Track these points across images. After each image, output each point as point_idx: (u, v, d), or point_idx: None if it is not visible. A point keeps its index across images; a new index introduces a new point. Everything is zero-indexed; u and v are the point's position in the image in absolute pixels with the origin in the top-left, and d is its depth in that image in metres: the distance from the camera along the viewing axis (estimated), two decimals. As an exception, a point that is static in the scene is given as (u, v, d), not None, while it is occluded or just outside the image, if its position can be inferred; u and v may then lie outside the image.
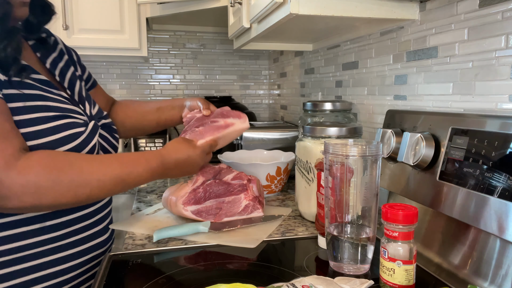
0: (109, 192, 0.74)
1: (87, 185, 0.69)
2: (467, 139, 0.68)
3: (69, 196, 0.68)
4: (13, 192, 0.63)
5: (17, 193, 0.63)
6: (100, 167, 0.71)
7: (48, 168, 0.65)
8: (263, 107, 2.38)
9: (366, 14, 0.88)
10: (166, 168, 0.82)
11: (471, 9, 0.76)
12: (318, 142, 0.93)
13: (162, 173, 0.82)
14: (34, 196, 0.64)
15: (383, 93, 1.08)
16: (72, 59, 0.94)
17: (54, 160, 0.67)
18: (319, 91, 1.54)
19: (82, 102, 0.85)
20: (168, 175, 0.84)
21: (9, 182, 0.62)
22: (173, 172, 0.85)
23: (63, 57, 0.89)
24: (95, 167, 0.71)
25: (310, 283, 0.58)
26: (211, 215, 0.95)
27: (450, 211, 0.69)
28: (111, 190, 0.74)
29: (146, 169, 0.78)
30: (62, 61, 0.88)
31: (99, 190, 0.71)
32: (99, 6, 1.73)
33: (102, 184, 0.71)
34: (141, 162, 0.78)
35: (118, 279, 0.69)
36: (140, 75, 2.20)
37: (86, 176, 0.69)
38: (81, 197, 0.70)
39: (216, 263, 0.75)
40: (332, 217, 0.70)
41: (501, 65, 0.70)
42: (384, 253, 0.62)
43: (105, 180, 0.71)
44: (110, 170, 0.72)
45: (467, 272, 0.66)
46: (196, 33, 2.23)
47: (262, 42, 1.45)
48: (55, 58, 0.85)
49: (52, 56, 0.85)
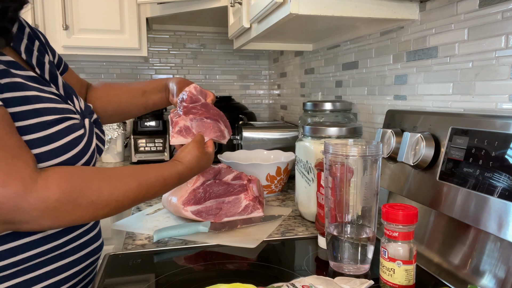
0: (125, 209, 0.74)
1: (106, 206, 0.68)
2: (467, 139, 0.68)
3: (87, 216, 0.67)
4: (32, 218, 0.61)
5: (36, 218, 0.61)
6: (119, 188, 0.70)
7: (67, 191, 0.63)
8: (263, 107, 2.38)
9: (366, 14, 0.88)
10: (182, 181, 0.83)
11: (471, 9, 0.76)
12: (318, 142, 0.93)
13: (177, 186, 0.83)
14: (53, 220, 0.63)
15: (383, 93, 1.08)
16: (42, 43, 0.82)
17: (72, 181, 0.64)
18: (319, 91, 1.54)
19: (70, 97, 0.78)
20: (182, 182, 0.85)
21: (28, 207, 0.59)
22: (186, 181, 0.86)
23: (35, 42, 0.78)
24: (113, 188, 0.69)
25: (310, 283, 0.58)
26: (211, 215, 0.95)
27: (450, 211, 0.69)
28: (128, 207, 0.74)
29: (163, 187, 0.78)
30: (35, 48, 0.77)
31: (117, 210, 0.71)
32: (99, 6, 1.73)
33: (121, 205, 0.70)
34: (159, 181, 0.77)
35: (118, 279, 0.69)
36: (140, 75, 2.20)
37: (106, 197, 0.68)
38: (99, 217, 0.69)
39: (216, 263, 0.75)
40: (332, 217, 0.70)
41: (501, 65, 0.70)
42: (384, 253, 0.62)
43: (123, 201, 0.71)
44: (129, 190, 0.71)
45: (467, 272, 0.66)
46: (196, 33, 2.23)
47: (262, 42, 1.45)
48: (28, 45, 0.75)
49: (23, 43, 0.74)
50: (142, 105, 1.05)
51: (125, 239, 0.87)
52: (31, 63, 0.73)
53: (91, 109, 0.85)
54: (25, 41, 0.75)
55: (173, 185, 0.80)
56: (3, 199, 0.57)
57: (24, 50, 0.73)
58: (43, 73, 0.75)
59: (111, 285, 0.67)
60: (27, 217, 0.60)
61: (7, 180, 0.57)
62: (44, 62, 0.77)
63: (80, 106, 0.80)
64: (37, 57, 0.75)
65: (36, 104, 0.66)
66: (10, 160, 0.58)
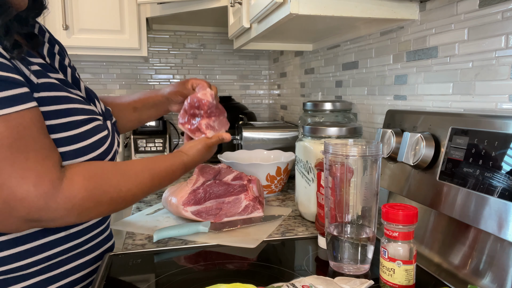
0: (138, 201, 0.78)
1: (123, 200, 0.72)
2: (467, 139, 0.68)
3: (107, 211, 0.71)
4: (59, 216, 0.63)
5: (62, 216, 0.63)
6: (135, 183, 0.74)
7: (90, 189, 0.66)
8: (263, 107, 2.38)
9: (366, 14, 0.88)
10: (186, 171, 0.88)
11: (471, 9, 0.76)
12: (318, 142, 0.93)
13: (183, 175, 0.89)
14: (77, 217, 0.66)
15: (383, 93, 1.08)
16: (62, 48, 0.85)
17: (95, 179, 0.67)
18: (319, 91, 1.54)
19: (92, 100, 0.81)
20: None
21: (56, 207, 0.62)
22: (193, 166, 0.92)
23: (55, 47, 0.80)
24: (130, 183, 0.73)
25: (310, 283, 0.58)
26: (211, 215, 0.95)
27: (450, 211, 0.69)
28: (140, 199, 0.78)
29: (172, 178, 0.83)
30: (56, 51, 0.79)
31: (132, 203, 0.75)
32: (99, 6, 1.73)
33: (136, 198, 0.75)
34: (169, 174, 0.82)
35: (118, 279, 0.69)
36: (140, 75, 2.20)
37: (124, 193, 0.71)
38: (116, 210, 0.73)
39: (216, 263, 0.75)
40: (332, 217, 0.70)
41: (501, 65, 0.70)
42: (384, 253, 0.62)
43: (138, 194, 0.75)
44: (144, 185, 0.76)
45: (467, 272, 0.66)
46: (196, 33, 2.23)
47: (262, 42, 1.45)
48: (49, 49, 0.77)
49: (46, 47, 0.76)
50: (136, 120, 1.07)
51: (125, 239, 0.87)
52: (54, 66, 0.76)
53: (110, 112, 0.88)
54: (46, 45, 0.77)
55: (180, 174, 0.85)
56: (34, 199, 0.59)
57: (47, 54, 0.76)
58: (66, 76, 0.78)
59: (111, 285, 0.67)
60: (54, 215, 0.62)
61: (39, 181, 0.60)
62: (66, 66, 0.80)
63: (101, 109, 0.83)
64: (59, 60, 0.78)
65: (67, 104, 0.69)
66: (41, 161, 0.61)
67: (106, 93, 2.15)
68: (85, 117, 0.71)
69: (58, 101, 0.67)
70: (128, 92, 2.19)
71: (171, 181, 0.83)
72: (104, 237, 0.82)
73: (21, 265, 0.66)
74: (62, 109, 0.68)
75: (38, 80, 0.65)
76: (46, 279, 0.70)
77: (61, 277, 0.71)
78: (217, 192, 0.96)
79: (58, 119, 0.67)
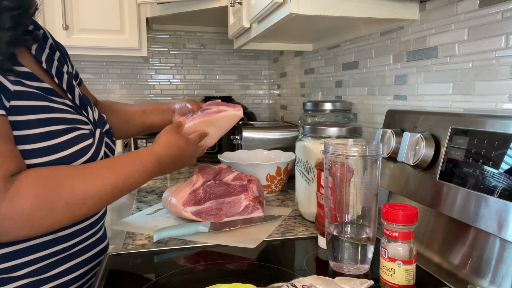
0: (107, 203, 0.71)
1: (83, 204, 0.66)
2: (467, 139, 0.68)
3: (65, 219, 0.65)
4: (7, 229, 0.59)
5: (10, 229, 0.59)
6: (93, 182, 0.67)
7: (40, 195, 0.61)
8: (263, 107, 2.38)
9: (366, 14, 0.88)
10: (163, 165, 0.80)
11: (471, 9, 0.76)
12: (318, 142, 0.93)
13: (159, 171, 0.80)
14: (29, 228, 0.61)
15: (383, 93, 1.08)
16: (63, 54, 0.86)
17: (44, 184, 0.62)
18: (319, 91, 1.54)
19: (84, 107, 0.80)
20: (164, 172, 0.83)
21: (1, 218, 0.57)
22: (169, 169, 0.84)
23: (56, 53, 0.81)
24: (88, 183, 0.66)
25: (310, 283, 0.58)
26: (211, 215, 0.95)
27: (450, 211, 0.69)
28: (109, 201, 0.71)
29: (142, 171, 0.75)
30: (55, 58, 0.80)
31: (96, 206, 0.68)
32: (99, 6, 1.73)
33: (99, 200, 0.68)
34: (136, 166, 0.74)
35: (118, 279, 0.69)
36: (140, 75, 2.20)
37: (81, 196, 0.65)
38: (78, 217, 0.66)
39: (216, 263, 0.74)
40: (332, 217, 0.70)
41: (501, 65, 0.70)
42: (384, 253, 0.62)
43: (101, 195, 0.68)
44: (105, 183, 0.68)
45: (467, 272, 0.66)
46: (196, 33, 2.23)
47: (262, 42, 1.45)
48: (49, 55, 0.77)
49: (45, 53, 0.76)
50: (140, 124, 1.07)
51: (125, 239, 0.87)
52: (51, 72, 0.75)
53: (104, 119, 0.87)
54: (47, 51, 0.77)
55: (153, 167, 0.77)
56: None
57: (45, 59, 0.75)
58: (61, 83, 0.77)
59: (111, 285, 0.67)
60: (1, 229, 0.58)
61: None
62: (63, 72, 0.79)
63: (93, 117, 0.81)
64: (56, 66, 0.78)
65: (47, 113, 0.67)
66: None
67: (106, 93, 2.16)
68: (66, 127, 0.69)
69: (36, 110, 0.65)
70: (128, 92, 2.19)
71: (143, 174, 0.75)
72: (96, 239, 0.80)
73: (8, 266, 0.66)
74: (41, 119, 0.65)
75: (14, 87, 0.63)
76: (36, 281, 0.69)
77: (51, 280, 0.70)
78: (217, 192, 0.96)
79: (35, 129, 0.64)
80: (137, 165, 0.74)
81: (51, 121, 0.67)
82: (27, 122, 0.64)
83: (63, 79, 0.78)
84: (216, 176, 0.99)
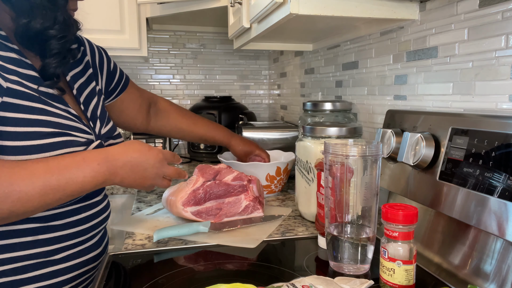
0: (37, 205, 0.62)
1: (6, 198, 0.59)
2: (467, 139, 0.68)
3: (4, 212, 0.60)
4: None
5: None
6: (23, 176, 0.60)
7: None
8: (263, 107, 2.38)
9: (366, 14, 0.88)
10: (112, 166, 0.69)
11: (471, 9, 0.76)
12: (318, 142, 0.93)
13: (107, 172, 0.69)
14: None
15: (383, 93, 1.08)
16: (96, 69, 0.91)
17: None
18: (319, 91, 1.54)
19: (94, 120, 0.81)
20: (118, 175, 0.71)
21: None
22: (125, 173, 0.71)
23: (87, 71, 0.87)
24: (15, 176, 0.60)
25: (310, 283, 0.58)
26: (211, 215, 0.95)
27: (450, 211, 0.69)
28: (40, 203, 0.62)
29: (85, 171, 0.66)
30: (85, 76, 0.85)
31: (22, 204, 0.60)
32: (99, 6, 1.72)
33: (25, 196, 0.60)
34: (78, 164, 0.66)
35: (118, 279, 0.69)
36: (140, 75, 2.20)
37: (4, 188, 0.59)
38: (2, 214, 0.60)
39: (216, 263, 0.75)
40: (332, 217, 0.70)
41: (501, 65, 0.70)
42: (384, 253, 0.62)
43: (27, 191, 0.60)
44: (35, 179, 0.61)
45: (467, 272, 0.66)
46: (196, 33, 2.23)
47: (262, 42, 1.45)
48: (77, 73, 0.84)
49: (74, 70, 0.83)
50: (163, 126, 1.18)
51: (125, 239, 0.87)
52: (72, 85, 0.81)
53: (114, 134, 0.86)
54: (77, 70, 0.84)
55: (98, 164, 0.68)
56: None
57: (72, 76, 0.82)
58: (80, 96, 0.81)
59: (111, 285, 0.67)
60: None
61: None
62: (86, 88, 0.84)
63: (100, 130, 0.82)
64: (81, 83, 0.83)
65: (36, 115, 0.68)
66: None
67: (106, 93, 2.16)
68: (54, 130, 0.68)
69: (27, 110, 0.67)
70: (128, 92, 2.18)
71: (84, 177, 0.66)
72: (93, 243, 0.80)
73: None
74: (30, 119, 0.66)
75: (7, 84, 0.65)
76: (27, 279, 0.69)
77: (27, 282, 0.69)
78: (217, 192, 0.96)
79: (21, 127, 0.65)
80: (77, 160, 0.66)
81: (38, 123, 0.67)
82: (16, 120, 0.65)
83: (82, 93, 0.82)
84: (216, 176, 0.99)
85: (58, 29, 0.71)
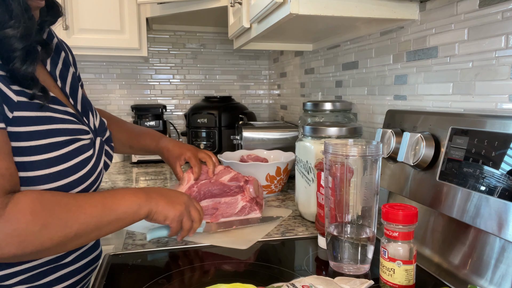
0: (96, 234, 0.67)
1: (73, 225, 0.63)
2: (467, 139, 0.67)
3: (56, 237, 0.62)
4: None
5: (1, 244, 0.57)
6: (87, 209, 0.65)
7: (36, 212, 0.59)
8: (263, 107, 2.38)
9: (366, 14, 0.88)
10: (148, 190, 0.77)
11: (471, 9, 0.76)
12: (318, 142, 0.93)
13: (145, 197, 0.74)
14: (17, 245, 0.58)
15: (383, 93, 1.08)
16: (67, 55, 0.83)
17: (42, 200, 0.61)
18: (319, 91, 1.54)
19: (86, 113, 0.78)
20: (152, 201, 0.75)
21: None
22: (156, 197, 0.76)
23: (60, 54, 0.80)
24: (81, 209, 0.64)
25: (310, 283, 0.57)
26: (207, 215, 0.95)
27: (450, 211, 0.69)
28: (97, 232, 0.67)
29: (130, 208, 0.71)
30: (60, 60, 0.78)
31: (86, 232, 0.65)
32: (99, 6, 1.73)
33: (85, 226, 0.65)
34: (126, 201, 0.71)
35: (118, 279, 0.69)
36: (140, 75, 2.20)
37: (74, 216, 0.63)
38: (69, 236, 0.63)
39: (216, 263, 0.75)
40: (332, 217, 0.70)
41: (501, 65, 0.70)
42: (384, 253, 0.62)
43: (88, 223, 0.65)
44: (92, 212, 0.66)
45: (467, 272, 0.66)
46: (196, 33, 2.23)
47: (262, 42, 1.45)
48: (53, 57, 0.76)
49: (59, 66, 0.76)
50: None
51: (125, 239, 0.87)
52: (54, 74, 0.74)
53: (105, 126, 0.84)
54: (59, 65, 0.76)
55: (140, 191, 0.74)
56: None
57: (50, 61, 0.74)
58: (64, 86, 0.75)
59: (111, 285, 0.67)
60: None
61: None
62: (67, 75, 0.77)
63: (94, 124, 0.79)
64: (60, 69, 0.76)
65: (49, 125, 0.65)
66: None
67: (106, 93, 2.15)
68: (67, 138, 0.67)
69: (38, 121, 0.63)
70: (128, 92, 2.18)
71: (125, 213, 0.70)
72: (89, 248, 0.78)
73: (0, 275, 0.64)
74: (42, 130, 0.63)
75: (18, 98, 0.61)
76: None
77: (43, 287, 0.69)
78: (212, 191, 0.96)
79: (36, 141, 0.62)
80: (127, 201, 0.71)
81: (52, 133, 0.65)
82: (29, 134, 0.62)
83: (66, 82, 0.76)
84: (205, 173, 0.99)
85: (16, 26, 0.60)
